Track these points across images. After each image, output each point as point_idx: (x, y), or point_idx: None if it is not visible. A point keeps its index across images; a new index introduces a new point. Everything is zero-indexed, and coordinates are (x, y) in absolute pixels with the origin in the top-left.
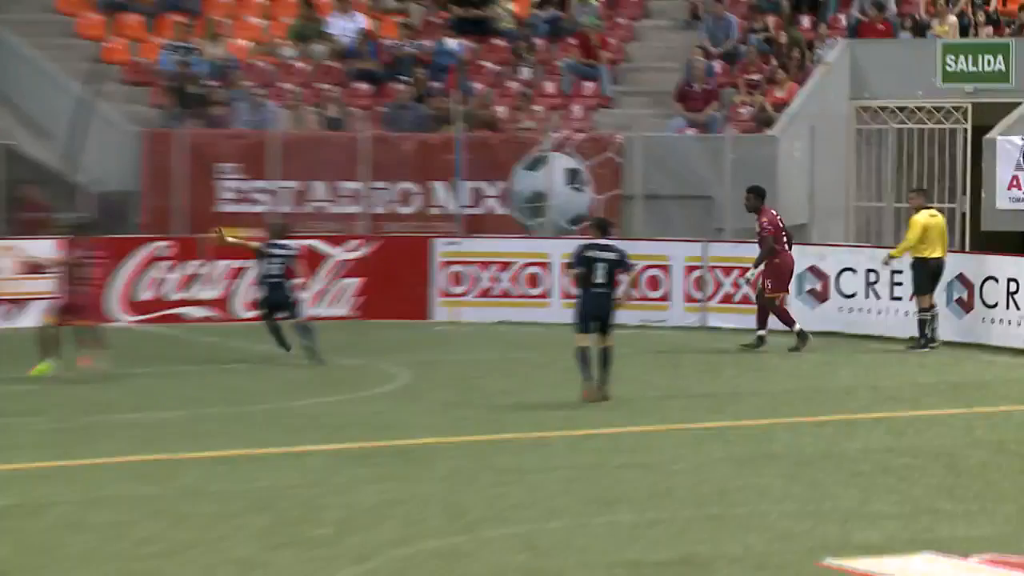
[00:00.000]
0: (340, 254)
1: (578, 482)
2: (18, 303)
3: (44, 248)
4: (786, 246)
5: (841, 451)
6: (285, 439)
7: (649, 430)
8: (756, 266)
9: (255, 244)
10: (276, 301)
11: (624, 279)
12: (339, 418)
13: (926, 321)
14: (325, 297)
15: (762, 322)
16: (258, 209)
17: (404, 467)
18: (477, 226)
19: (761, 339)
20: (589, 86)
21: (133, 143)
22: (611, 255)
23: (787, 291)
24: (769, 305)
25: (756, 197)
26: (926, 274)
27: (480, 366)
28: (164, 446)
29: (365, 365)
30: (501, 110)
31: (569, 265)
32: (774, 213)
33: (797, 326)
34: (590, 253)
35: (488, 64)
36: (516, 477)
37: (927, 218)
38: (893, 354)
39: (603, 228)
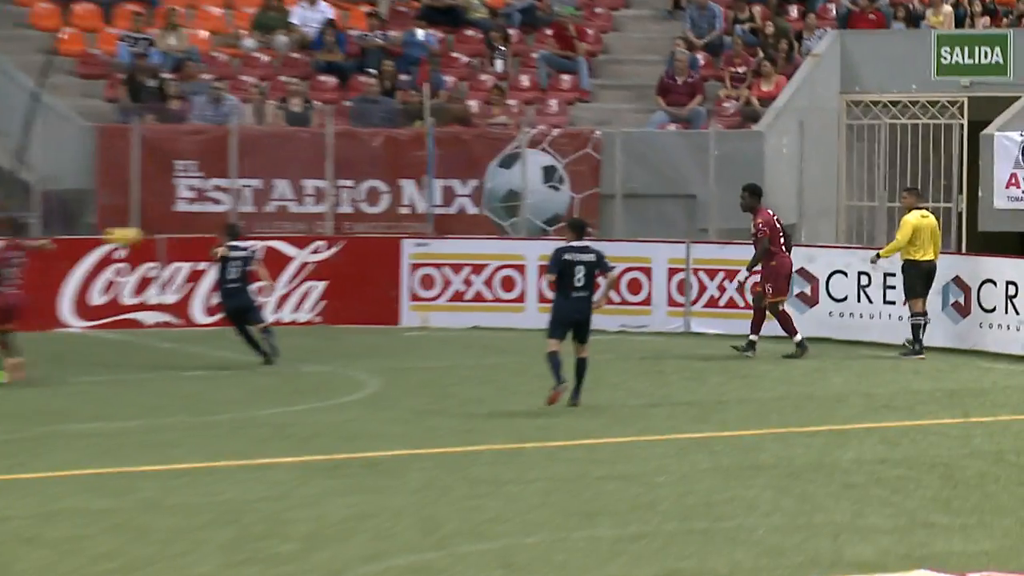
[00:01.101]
0: (305, 256)
1: (556, 494)
2: None
3: None
4: (783, 248)
5: (832, 462)
6: (249, 450)
7: (631, 440)
8: (750, 269)
9: (219, 250)
10: (239, 307)
11: (603, 282)
12: (306, 428)
13: (919, 325)
14: (289, 301)
15: (756, 327)
16: (218, 209)
17: (374, 479)
18: (449, 226)
19: (752, 344)
20: (566, 79)
21: (87, 139)
22: (590, 257)
23: (787, 295)
24: (772, 311)
25: (752, 196)
26: (917, 277)
27: (453, 373)
28: (122, 457)
29: (333, 372)
30: (474, 104)
31: (548, 271)
32: (770, 213)
33: (799, 336)
34: (568, 256)
35: (460, 56)
36: (492, 489)
37: (918, 219)
38: (886, 360)
39: (580, 229)
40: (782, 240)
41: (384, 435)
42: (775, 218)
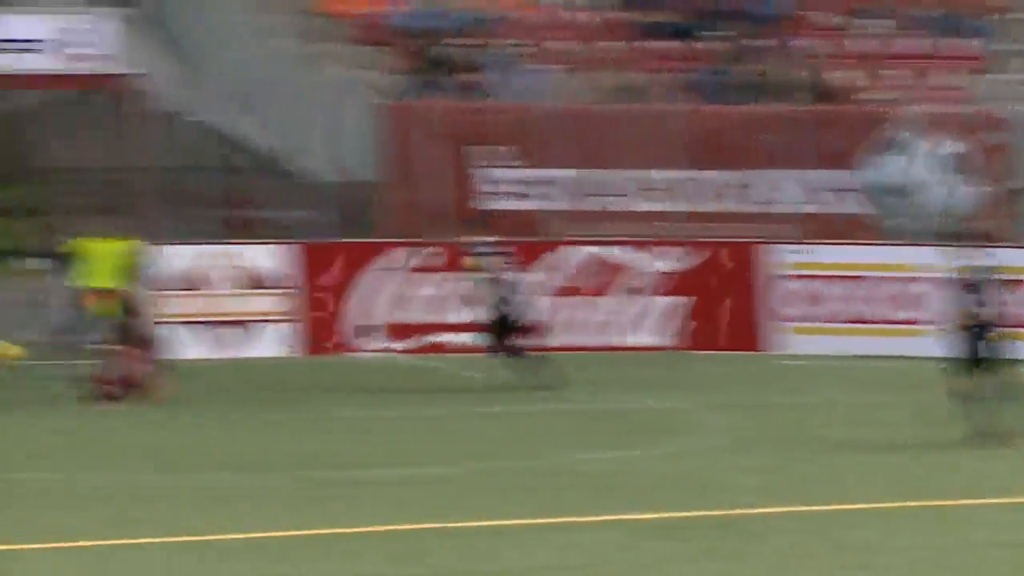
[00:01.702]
0: (647, 264)
1: (956, 570)
2: (243, 324)
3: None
4: None
5: None
6: (569, 505)
7: None
8: None
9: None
10: (510, 319)
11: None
12: (641, 478)
13: None
14: (625, 319)
15: None
16: (530, 206)
17: (725, 541)
18: (819, 229)
19: None
20: (959, 44)
21: (368, 120)
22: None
23: None
24: None
25: None
26: None
27: (823, 412)
28: (424, 513)
29: (676, 410)
30: (842, 76)
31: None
32: None
33: None
34: (978, 274)
35: (821, 15)
36: (863, 558)
37: None
38: None
39: (973, 238)
40: None
41: (737, 487)
42: None
